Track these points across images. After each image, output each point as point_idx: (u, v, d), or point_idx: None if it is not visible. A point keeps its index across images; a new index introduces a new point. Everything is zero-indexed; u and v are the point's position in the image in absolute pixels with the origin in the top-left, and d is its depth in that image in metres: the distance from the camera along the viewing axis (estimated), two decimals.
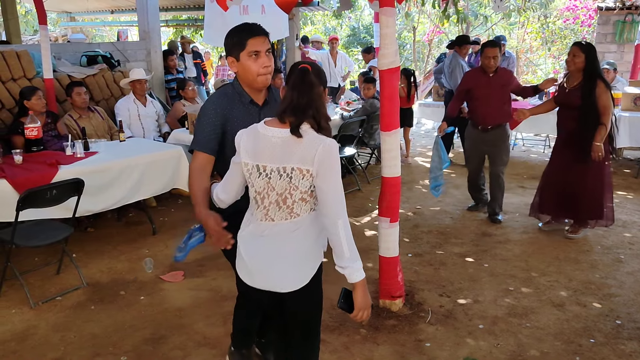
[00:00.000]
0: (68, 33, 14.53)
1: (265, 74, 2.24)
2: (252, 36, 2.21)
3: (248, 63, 2.22)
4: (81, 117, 5.09)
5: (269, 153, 1.93)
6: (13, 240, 3.42)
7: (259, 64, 2.22)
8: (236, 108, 2.31)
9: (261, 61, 2.22)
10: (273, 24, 6.23)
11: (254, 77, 2.24)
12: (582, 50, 4.23)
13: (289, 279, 2.05)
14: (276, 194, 1.95)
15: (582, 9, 13.25)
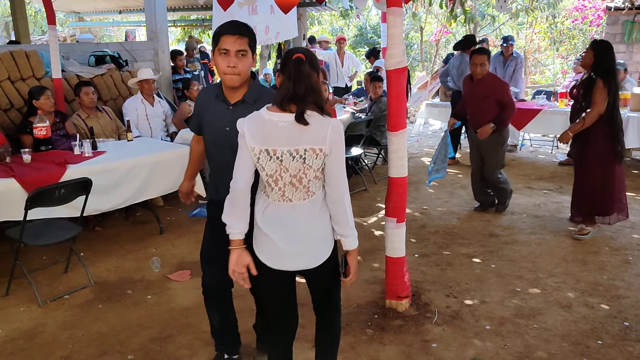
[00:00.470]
0: (76, 33, 14.61)
1: (230, 74, 2.25)
2: (226, 34, 2.23)
3: (217, 60, 2.26)
4: (89, 116, 5.12)
5: (276, 137, 2.01)
6: (21, 238, 3.44)
7: (226, 62, 2.24)
8: (210, 103, 2.42)
9: (228, 60, 2.23)
10: (282, 24, 6.25)
11: (221, 75, 2.28)
12: (592, 48, 4.31)
13: (320, 253, 2.18)
14: (290, 175, 2.04)
15: (590, 8, 13.17)
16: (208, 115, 2.43)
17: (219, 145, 2.40)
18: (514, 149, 8.18)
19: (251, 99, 2.35)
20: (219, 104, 2.39)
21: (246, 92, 2.35)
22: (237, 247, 2.16)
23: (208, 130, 2.45)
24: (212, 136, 2.43)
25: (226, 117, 2.35)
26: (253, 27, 2.39)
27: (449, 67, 7.49)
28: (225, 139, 2.34)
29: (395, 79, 3.09)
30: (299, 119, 1.97)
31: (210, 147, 2.47)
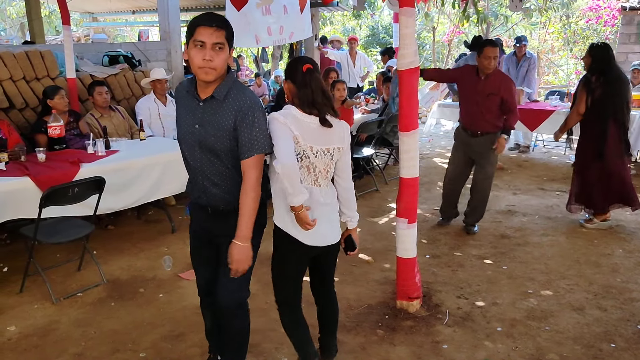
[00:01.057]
0: (90, 33, 14.74)
1: (204, 68, 2.10)
2: (202, 25, 2.09)
3: (192, 52, 2.12)
4: (103, 116, 5.16)
5: (313, 136, 2.32)
6: (36, 236, 3.48)
7: (201, 55, 2.09)
8: (184, 98, 2.32)
9: (203, 53, 2.09)
10: (296, 24, 6.24)
11: (195, 69, 2.14)
12: (588, 51, 4.61)
13: (339, 229, 2.56)
14: (321, 168, 2.40)
15: (605, 8, 13.05)
16: (180, 111, 2.33)
17: (188, 142, 2.28)
18: (527, 150, 8.13)
19: (221, 94, 2.19)
20: (190, 100, 2.28)
21: (216, 88, 2.20)
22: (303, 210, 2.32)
23: (179, 126, 2.34)
24: (182, 133, 2.31)
25: (196, 114, 2.24)
26: (267, 28, 2.42)
27: None
28: (195, 136, 2.24)
29: (407, 79, 3.09)
30: (324, 122, 2.33)
31: (181, 144, 2.35)
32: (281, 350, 2.99)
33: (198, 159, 2.27)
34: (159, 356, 2.95)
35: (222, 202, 2.31)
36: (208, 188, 2.31)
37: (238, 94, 2.21)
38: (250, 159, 2.19)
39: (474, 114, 4.54)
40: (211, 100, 2.21)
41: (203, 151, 2.24)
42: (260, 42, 6.26)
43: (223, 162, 2.25)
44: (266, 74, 12.37)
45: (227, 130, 2.19)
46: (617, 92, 4.50)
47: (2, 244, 4.50)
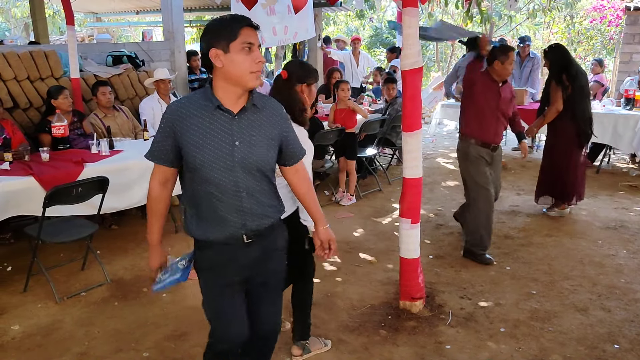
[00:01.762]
0: (94, 33, 14.77)
1: (257, 71, 1.90)
2: (247, 26, 1.88)
3: (237, 57, 1.86)
4: (106, 116, 5.17)
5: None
6: (40, 236, 3.49)
7: (251, 58, 1.87)
8: (198, 117, 1.91)
9: (254, 55, 1.88)
10: (300, 24, 6.25)
11: (244, 75, 1.88)
12: (545, 57, 5.00)
13: None
14: None
15: (609, 8, 13.01)
16: (202, 132, 1.90)
17: (224, 166, 1.91)
18: (530, 150, 8.11)
19: (260, 102, 1.99)
20: (215, 116, 1.91)
21: (253, 96, 1.96)
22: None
23: (203, 151, 1.90)
24: (212, 157, 1.90)
25: (231, 129, 1.92)
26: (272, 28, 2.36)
27: (457, 70, 7.38)
28: (234, 156, 1.91)
29: (410, 79, 3.09)
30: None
31: (212, 172, 1.92)
32: (284, 350, 2.98)
33: (241, 180, 1.94)
34: (162, 356, 2.95)
35: (264, 219, 2.04)
36: (253, 209, 2.00)
37: (269, 99, 2.06)
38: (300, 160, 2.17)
39: (498, 124, 4.13)
40: (252, 108, 1.96)
41: (249, 171, 1.95)
42: (265, 43, 6.28)
43: (266, 175, 2.02)
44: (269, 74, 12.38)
45: (274, 139, 2.01)
46: (585, 85, 4.93)
47: (6, 243, 4.51)
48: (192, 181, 1.98)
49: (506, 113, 4.18)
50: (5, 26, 19.79)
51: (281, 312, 2.31)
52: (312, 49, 9.36)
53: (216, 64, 1.88)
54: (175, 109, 1.94)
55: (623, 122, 6.42)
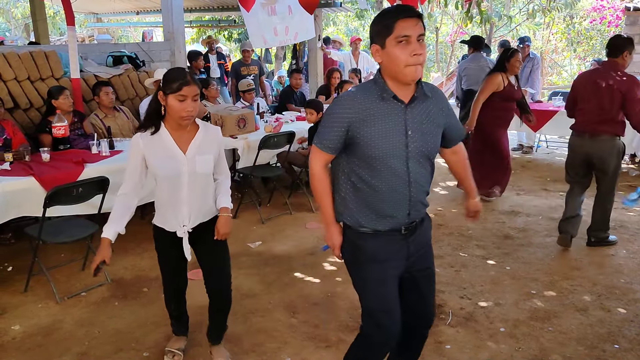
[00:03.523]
0: (94, 34, 14.78)
1: (415, 65, 1.84)
2: (401, 17, 1.83)
3: (394, 51, 1.85)
4: (107, 116, 5.18)
5: None
6: (40, 236, 3.50)
7: (409, 50, 1.83)
8: (375, 109, 1.94)
9: (411, 48, 1.83)
10: (300, 24, 6.27)
11: (400, 69, 1.86)
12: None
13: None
14: None
15: (609, 9, 13.03)
16: (379, 124, 1.92)
17: (397, 156, 1.94)
18: (530, 150, 8.12)
19: (422, 94, 1.98)
20: (388, 106, 1.93)
21: (421, 84, 1.97)
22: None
23: (381, 143, 1.93)
24: (387, 148, 1.93)
25: (403, 120, 1.94)
26: (273, 28, 2.36)
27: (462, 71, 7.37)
28: (407, 146, 1.95)
29: None
30: None
31: (383, 161, 1.95)
32: (284, 350, 2.99)
33: (412, 171, 1.97)
34: (162, 356, 2.96)
35: (424, 208, 2.11)
36: (420, 200, 2.06)
37: (427, 84, 2.03)
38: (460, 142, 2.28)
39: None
40: (422, 97, 1.98)
41: (418, 159, 1.98)
42: (267, 43, 6.30)
43: (432, 164, 2.08)
44: (269, 74, 12.39)
45: (441, 126, 2.06)
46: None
47: (7, 243, 4.52)
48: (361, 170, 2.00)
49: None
50: (5, 26, 19.80)
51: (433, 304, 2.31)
52: (312, 50, 9.36)
53: (376, 59, 1.93)
54: (348, 104, 1.96)
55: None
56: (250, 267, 4.06)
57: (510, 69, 5.32)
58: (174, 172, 2.46)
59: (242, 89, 6.49)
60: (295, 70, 7.72)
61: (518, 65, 5.31)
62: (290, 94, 7.45)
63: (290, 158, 5.58)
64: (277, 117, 6.49)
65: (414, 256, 2.11)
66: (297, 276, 3.94)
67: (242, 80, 6.72)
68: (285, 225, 5.05)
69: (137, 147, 2.45)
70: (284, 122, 6.17)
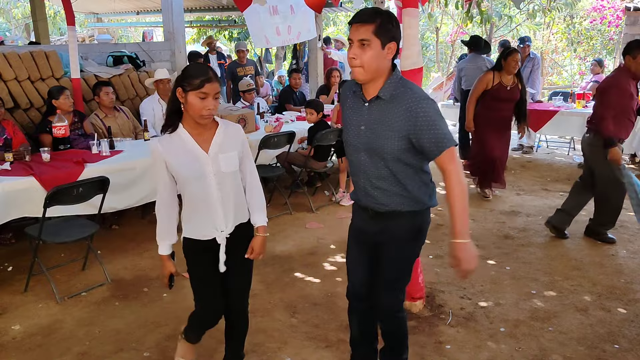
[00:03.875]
0: (95, 34, 14.79)
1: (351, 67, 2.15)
2: (351, 22, 2.11)
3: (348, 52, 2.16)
4: (107, 116, 5.18)
5: None
6: (40, 236, 3.50)
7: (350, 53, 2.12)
8: (349, 98, 2.28)
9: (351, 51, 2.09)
10: (302, 24, 6.27)
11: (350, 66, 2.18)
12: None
13: None
14: None
15: (609, 9, 13.02)
16: (346, 113, 2.29)
17: (353, 144, 2.24)
18: (530, 150, 8.12)
19: (386, 94, 2.10)
20: (356, 100, 2.23)
21: (381, 88, 2.12)
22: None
23: (345, 127, 2.29)
24: (348, 134, 2.26)
25: (362, 114, 2.19)
26: (275, 28, 2.38)
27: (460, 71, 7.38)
28: (360, 137, 2.19)
29: (410, 79, 3.08)
30: None
31: (346, 145, 2.31)
32: (284, 350, 2.99)
33: (362, 161, 2.22)
34: (162, 355, 2.96)
35: (382, 205, 2.24)
36: (369, 190, 2.25)
37: (406, 93, 2.10)
38: (444, 155, 2.08)
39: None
40: (377, 100, 2.13)
41: (367, 153, 2.19)
42: (270, 43, 6.30)
43: (387, 165, 2.16)
44: (270, 74, 12.39)
45: (397, 131, 2.09)
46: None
47: (7, 243, 4.52)
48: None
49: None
50: (5, 26, 19.80)
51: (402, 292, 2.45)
52: (312, 50, 9.36)
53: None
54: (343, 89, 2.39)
55: None
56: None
57: (506, 68, 5.31)
58: (198, 172, 2.30)
59: (242, 89, 6.50)
60: (294, 70, 7.72)
61: (514, 65, 5.26)
62: (290, 94, 7.45)
63: (290, 158, 5.58)
64: (277, 117, 6.50)
65: (377, 241, 2.34)
66: (297, 276, 3.94)
67: (242, 80, 6.72)
68: (285, 225, 5.05)
69: (157, 152, 2.29)
70: (284, 122, 6.18)
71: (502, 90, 5.36)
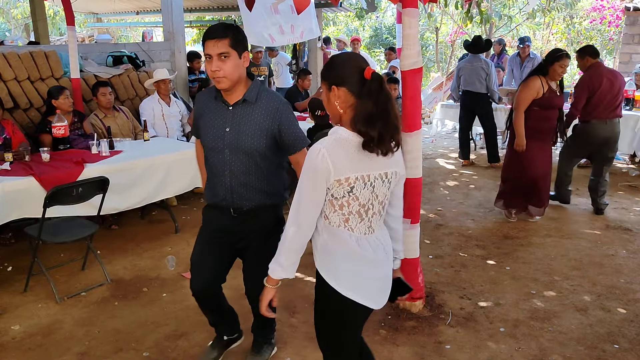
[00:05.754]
0: (94, 34, 14.78)
1: (214, 78, 2.28)
2: (206, 39, 2.26)
3: (206, 65, 2.31)
4: (107, 116, 5.18)
5: (368, 161, 1.82)
6: (40, 236, 3.49)
7: (211, 67, 2.26)
8: (209, 103, 2.44)
9: (212, 65, 2.26)
10: (305, 23, 6.27)
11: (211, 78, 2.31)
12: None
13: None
14: (378, 202, 1.89)
15: (609, 9, 13.02)
16: (207, 117, 2.43)
17: (216, 146, 2.40)
18: None
19: (252, 97, 2.37)
20: (217, 105, 2.42)
21: (246, 92, 2.37)
22: (276, 286, 1.96)
23: (206, 131, 2.43)
24: (210, 136, 2.41)
25: (226, 117, 2.38)
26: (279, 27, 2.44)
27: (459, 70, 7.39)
28: (225, 139, 2.37)
29: (410, 79, 3.09)
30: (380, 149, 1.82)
31: (207, 147, 2.46)
32: (284, 350, 2.99)
33: (227, 160, 2.38)
34: (162, 355, 2.96)
35: (248, 201, 2.44)
36: (236, 188, 2.41)
37: (269, 96, 2.40)
38: (299, 153, 2.45)
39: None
40: (243, 103, 2.36)
41: (233, 152, 2.36)
42: (275, 41, 6.31)
43: (254, 162, 2.39)
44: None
45: (264, 130, 2.35)
46: None
47: (7, 243, 4.52)
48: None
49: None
50: (5, 27, 19.79)
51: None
52: (312, 50, 9.37)
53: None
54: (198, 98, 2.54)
55: (622, 122, 6.38)
56: None
57: (551, 74, 4.66)
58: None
59: None
60: (304, 71, 7.72)
61: (560, 72, 4.64)
62: (297, 94, 7.47)
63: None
64: None
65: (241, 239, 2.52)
66: (297, 276, 3.94)
67: None
68: None
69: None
70: None
71: (554, 97, 4.71)
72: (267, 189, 2.47)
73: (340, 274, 1.88)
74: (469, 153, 7.53)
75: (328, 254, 1.90)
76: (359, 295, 1.89)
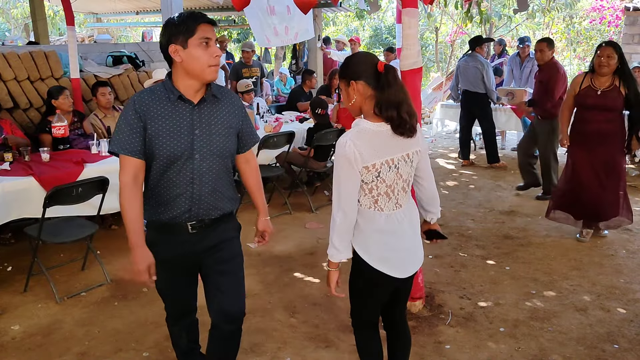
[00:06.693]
0: (94, 34, 14.77)
1: (214, 65, 2.00)
2: (203, 22, 1.99)
3: (196, 52, 1.97)
4: (106, 116, 5.17)
5: (392, 146, 2.03)
6: (40, 236, 3.49)
7: (210, 52, 1.99)
8: (161, 107, 2.02)
9: (212, 50, 2.00)
10: (300, 24, 6.28)
11: (203, 68, 1.99)
12: (616, 51, 4.15)
13: (422, 252, 2.30)
14: (402, 180, 2.10)
15: (608, 9, 13.03)
16: (161, 123, 2.01)
17: (181, 154, 2.03)
18: None
19: (219, 92, 2.13)
20: (174, 108, 2.03)
21: (212, 87, 2.10)
22: (338, 268, 2.14)
23: (164, 141, 2.01)
24: (172, 145, 2.02)
25: (192, 119, 2.04)
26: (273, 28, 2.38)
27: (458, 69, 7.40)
28: (193, 143, 2.04)
29: (410, 79, 3.09)
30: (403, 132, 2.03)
31: (165, 163, 2.04)
32: (284, 350, 2.99)
33: (197, 167, 2.06)
34: (162, 355, 2.96)
35: (215, 210, 2.16)
36: (204, 197, 2.11)
37: (228, 91, 2.22)
38: (250, 150, 2.36)
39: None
40: (211, 99, 2.10)
41: (204, 157, 2.07)
42: (270, 42, 6.33)
43: (225, 164, 2.16)
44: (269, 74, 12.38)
45: (231, 128, 2.16)
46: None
47: (7, 243, 4.52)
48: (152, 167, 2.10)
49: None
50: (5, 27, 19.79)
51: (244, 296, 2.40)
52: (312, 50, 9.37)
53: (175, 59, 2.01)
54: (135, 104, 2.03)
55: None
56: (250, 267, 4.06)
57: (597, 69, 4.23)
58: None
59: (241, 89, 6.50)
60: (308, 71, 7.73)
61: (599, 62, 4.17)
62: (301, 94, 7.48)
63: (289, 158, 5.59)
64: (277, 117, 6.50)
65: (204, 252, 2.21)
66: (296, 276, 3.94)
67: (240, 81, 6.72)
68: (284, 225, 5.04)
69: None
70: (284, 122, 6.18)
71: (589, 95, 4.28)
72: (231, 194, 2.22)
73: (371, 249, 2.10)
74: (469, 153, 7.53)
75: (360, 232, 2.10)
76: (386, 266, 2.11)
